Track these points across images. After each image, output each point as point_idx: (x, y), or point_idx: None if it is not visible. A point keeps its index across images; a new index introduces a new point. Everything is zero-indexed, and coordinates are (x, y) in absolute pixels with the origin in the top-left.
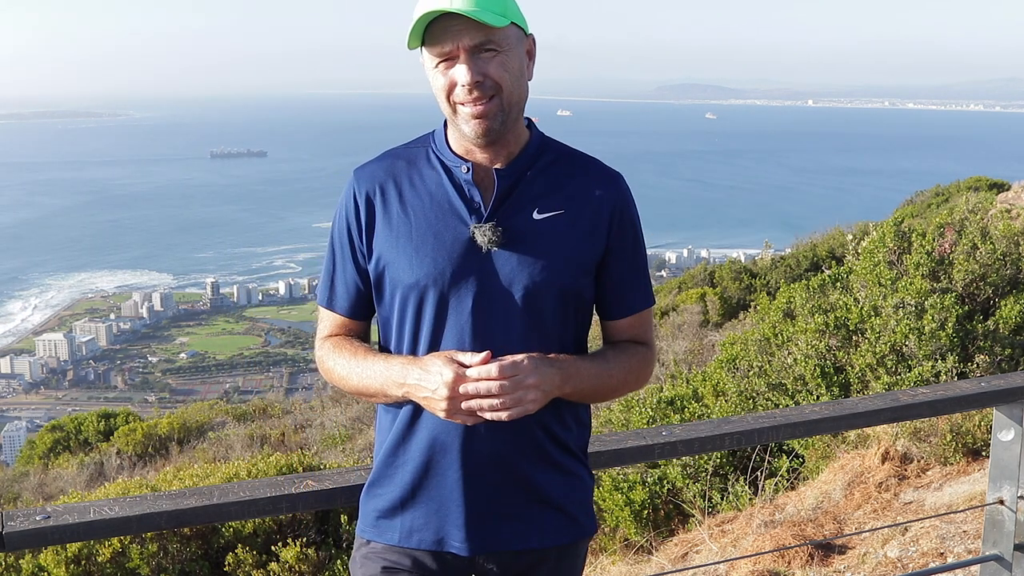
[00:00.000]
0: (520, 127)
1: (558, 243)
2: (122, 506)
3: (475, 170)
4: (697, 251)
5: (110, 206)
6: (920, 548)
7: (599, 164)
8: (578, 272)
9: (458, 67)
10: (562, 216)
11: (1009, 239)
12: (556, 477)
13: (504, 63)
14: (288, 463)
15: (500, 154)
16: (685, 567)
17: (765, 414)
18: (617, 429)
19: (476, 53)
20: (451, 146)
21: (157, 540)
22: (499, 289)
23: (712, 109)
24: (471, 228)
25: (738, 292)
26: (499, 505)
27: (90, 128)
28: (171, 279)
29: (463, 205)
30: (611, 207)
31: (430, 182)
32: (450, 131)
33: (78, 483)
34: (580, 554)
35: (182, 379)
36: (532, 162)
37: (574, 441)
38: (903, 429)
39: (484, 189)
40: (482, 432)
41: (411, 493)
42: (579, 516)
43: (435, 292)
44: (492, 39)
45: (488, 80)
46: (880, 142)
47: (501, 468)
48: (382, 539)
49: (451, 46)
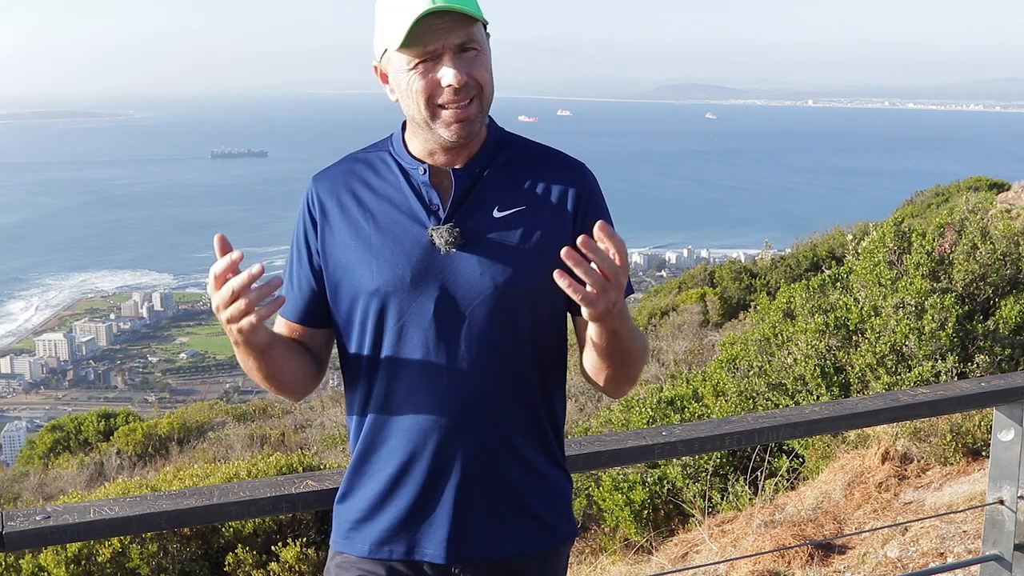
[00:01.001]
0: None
1: (521, 240)
2: (122, 506)
3: (433, 172)
4: (697, 251)
5: (110, 206)
6: (920, 548)
7: (561, 155)
8: (544, 270)
9: (444, 68)
10: (524, 212)
11: (1009, 239)
12: (533, 483)
13: (484, 63)
14: (288, 463)
15: (460, 154)
16: (685, 567)
17: (765, 414)
18: (617, 429)
19: (459, 53)
20: (409, 149)
21: (157, 540)
22: (462, 291)
23: (712, 109)
24: (429, 231)
25: (738, 292)
26: (474, 513)
27: (90, 128)
28: (171, 279)
29: (421, 208)
30: (575, 198)
31: (389, 186)
32: (411, 134)
33: (78, 483)
34: (561, 560)
35: (182, 379)
36: (491, 159)
37: (550, 445)
38: (903, 429)
39: (443, 191)
40: (455, 438)
41: (381, 502)
42: (558, 522)
43: (396, 298)
44: (473, 37)
45: (471, 81)
46: (880, 142)
47: (475, 475)
48: (354, 551)
49: (436, 45)
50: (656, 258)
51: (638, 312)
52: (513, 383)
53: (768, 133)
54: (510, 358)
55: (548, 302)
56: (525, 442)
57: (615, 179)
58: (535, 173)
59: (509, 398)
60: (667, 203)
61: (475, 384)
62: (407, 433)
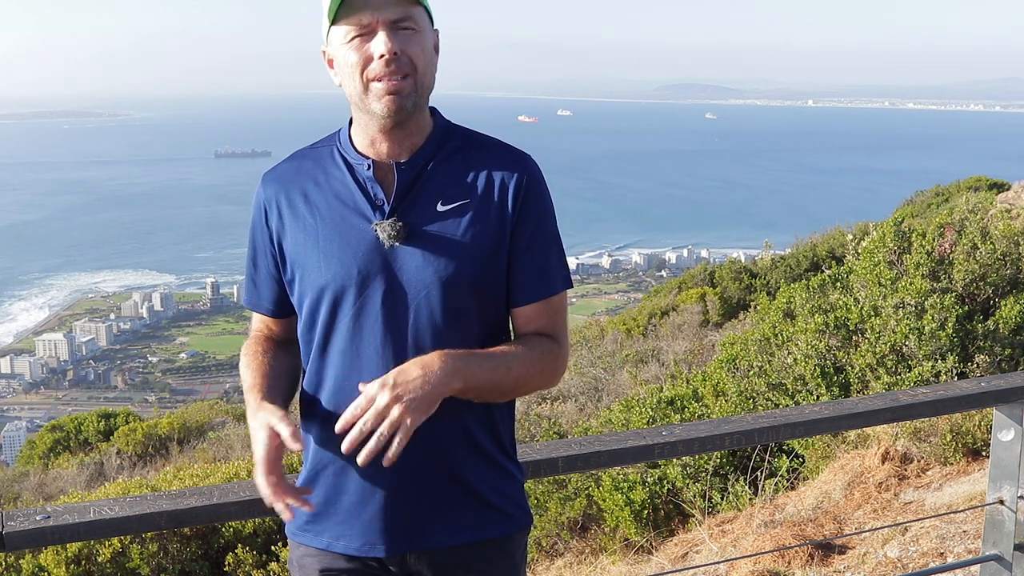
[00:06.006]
0: (425, 117)
1: (464, 234)
2: (122, 506)
3: (377, 166)
4: (697, 251)
5: (110, 206)
6: (920, 548)
7: (505, 146)
8: (488, 262)
9: (377, 39)
10: (467, 205)
11: (1009, 239)
12: (485, 471)
13: (420, 42)
14: (288, 463)
15: (404, 146)
16: (685, 567)
17: (765, 414)
18: (617, 429)
19: (394, 29)
20: (354, 143)
21: (157, 540)
22: (407, 286)
23: (712, 109)
24: (373, 225)
25: (738, 292)
26: (427, 502)
27: (90, 128)
28: (171, 279)
29: (366, 203)
30: (515, 190)
31: (335, 182)
32: (355, 126)
33: (78, 483)
34: (518, 548)
35: (182, 379)
36: (435, 152)
37: (500, 435)
38: (903, 429)
39: (387, 185)
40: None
41: (336, 496)
42: (511, 509)
43: (344, 294)
44: (410, 15)
45: (404, 57)
46: (880, 142)
47: (426, 465)
48: (312, 543)
49: (370, 19)
50: (656, 258)
51: (638, 312)
52: None
53: (768, 133)
54: (460, 347)
55: (492, 294)
56: (475, 431)
57: (615, 179)
58: (479, 165)
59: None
60: (667, 203)
61: None
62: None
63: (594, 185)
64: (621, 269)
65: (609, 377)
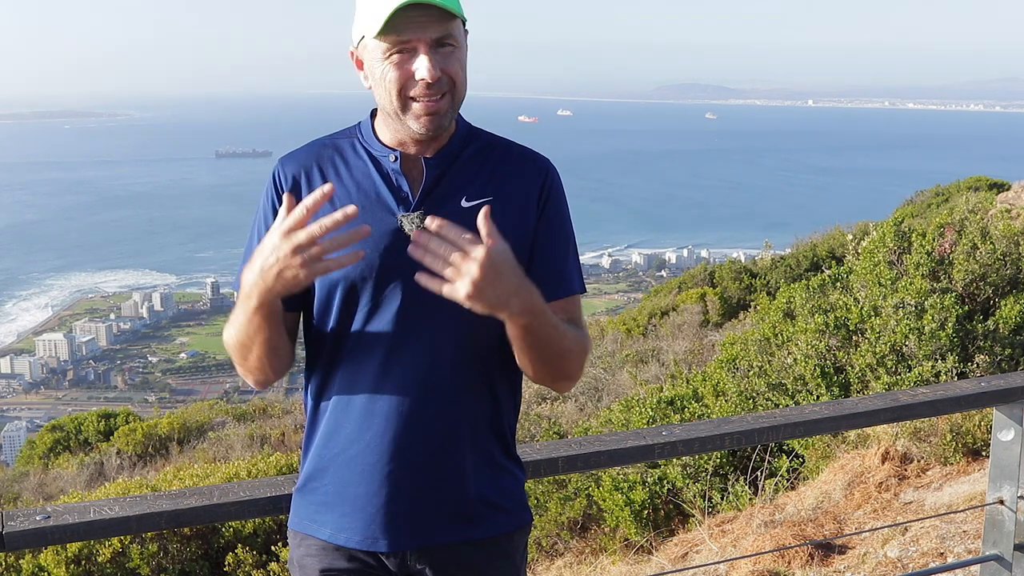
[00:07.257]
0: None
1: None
2: (122, 506)
3: (403, 160)
4: (697, 251)
5: (110, 206)
6: (920, 548)
7: (528, 151)
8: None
9: (419, 61)
10: (491, 203)
11: (1009, 239)
12: (488, 470)
13: (459, 59)
14: (288, 463)
15: (430, 145)
16: (685, 567)
17: (765, 414)
18: (617, 429)
19: (435, 47)
20: (379, 137)
21: (157, 540)
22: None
23: (712, 109)
24: (399, 217)
25: (738, 292)
26: (430, 498)
27: (90, 128)
28: (171, 279)
29: (390, 195)
30: (538, 192)
31: (357, 172)
32: (381, 122)
33: (78, 483)
34: (518, 546)
35: (182, 379)
36: (460, 151)
37: (505, 435)
38: (903, 429)
39: (412, 179)
40: (415, 423)
41: (340, 489)
42: (512, 507)
43: (364, 284)
44: (451, 33)
45: (445, 76)
46: (880, 142)
47: (433, 461)
48: (316, 534)
49: (411, 36)
50: (656, 258)
51: (638, 312)
52: (476, 371)
53: (768, 133)
54: (474, 345)
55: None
56: (483, 430)
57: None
58: (503, 167)
59: (470, 385)
60: (668, 203)
61: (438, 370)
62: (368, 417)
63: (594, 185)
64: (621, 269)
65: (609, 377)
